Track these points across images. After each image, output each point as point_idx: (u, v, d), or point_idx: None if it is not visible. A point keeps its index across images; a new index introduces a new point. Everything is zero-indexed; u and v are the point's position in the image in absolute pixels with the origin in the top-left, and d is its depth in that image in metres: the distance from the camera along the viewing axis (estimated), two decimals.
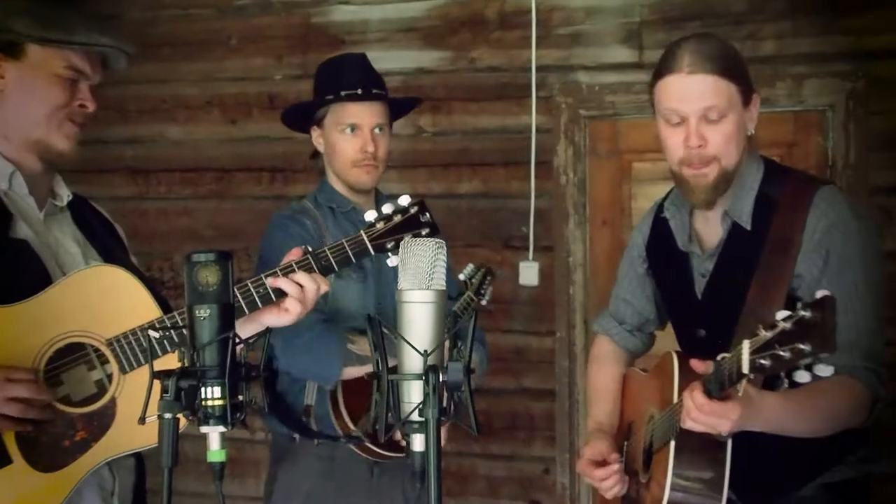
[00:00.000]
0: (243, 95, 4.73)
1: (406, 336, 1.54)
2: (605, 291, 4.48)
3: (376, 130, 2.89)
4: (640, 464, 2.47)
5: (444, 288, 1.56)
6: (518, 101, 4.43)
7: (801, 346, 1.66)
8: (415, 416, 1.52)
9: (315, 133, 2.96)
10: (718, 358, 1.95)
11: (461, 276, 3.71)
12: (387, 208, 2.39)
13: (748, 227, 2.31)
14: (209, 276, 1.62)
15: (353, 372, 2.70)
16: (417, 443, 1.54)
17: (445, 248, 1.58)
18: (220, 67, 4.76)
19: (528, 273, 4.41)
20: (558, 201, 4.40)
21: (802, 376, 1.72)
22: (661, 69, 2.30)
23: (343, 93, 2.85)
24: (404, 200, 2.40)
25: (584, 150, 4.40)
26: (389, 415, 1.54)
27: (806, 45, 4.12)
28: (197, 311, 1.61)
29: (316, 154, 3.01)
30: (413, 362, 1.53)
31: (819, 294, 1.70)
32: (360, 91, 2.85)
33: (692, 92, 2.23)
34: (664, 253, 2.56)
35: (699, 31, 4.13)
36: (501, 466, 4.52)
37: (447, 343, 1.57)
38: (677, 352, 2.40)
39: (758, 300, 2.24)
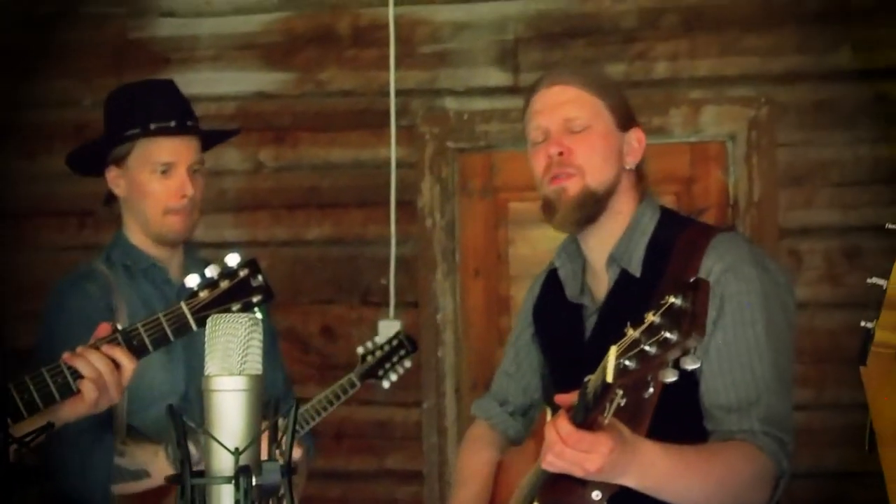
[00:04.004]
0: (44, 125, 4.64)
1: (215, 431, 1.53)
2: (480, 352, 4.57)
3: (195, 168, 2.87)
4: None
5: (259, 372, 1.56)
6: (375, 131, 4.46)
7: (668, 336, 1.69)
8: None
9: (112, 174, 2.89)
10: (585, 380, 1.97)
11: (360, 350, 3.68)
12: (211, 271, 2.37)
13: (637, 275, 2.39)
14: None
15: (131, 488, 2.68)
16: None
17: (261, 325, 1.57)
18: (14, 90, 4.66)
19: (390, 333, 4.41)
20: (424, 248, 4.43)
21: (669, 375, 1.75)
22: (526, 96, 2.52)
23: (153, 126, 2.81)
24: (232, 260, 2.39)
25: (452, 188, 4.45)
26: None
27: (703, 68, 4.25)
28: None
29: (111, 199, 2.96)
30: (223, 462, 1.52)
31: (693, 278, 1.75)
32: (174, 123, 2.82)
33: (552, 102, 2.42)
34: (554, 309, 2.61)
35: (583, 49, 4.26)
36: None
37: (267, 438, 1.56)
38: (550, 404, 2.43)
39: None
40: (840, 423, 4.00)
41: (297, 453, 2.61)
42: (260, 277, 2.41)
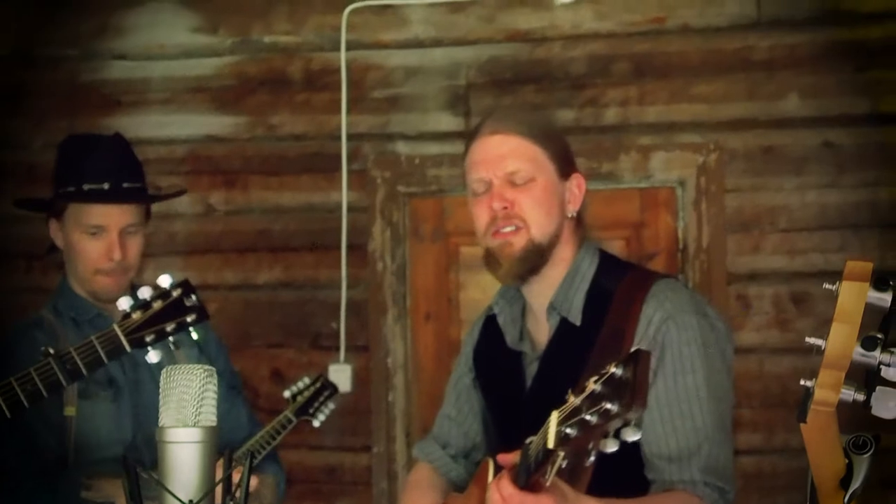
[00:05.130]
0: None
1: (168, 482, 1.54)
2: (431, 397, 4.58)
3: (129, 230, 2.87)
4: None
5: (214, 424, 1.57)
6: (327, 175, 4.49)
7: (609, 407, 1.71)
8: None
9: (53, 226, 2.90)
10: (527, 441, 1.99)
11: (286, 393, 3.70)
12: (144, 293, 2.38)
13: (577, 323, 2.40)
14: None
15: None
16: None
17: (216, 376, 1.59)
18: None
19: (340, 377, 4.42)
20: (375, 292, 4.45)
21: (610, 445, 1.77)
22: (467, 142, 2.49)
23: (86, 187, 2.80)
24: (164, 281, 2.41)
25: (403, 232, 4.48)
26: None
27: (653, 114, 4.32)
28: None
29: (54, 248, 2.96)
30: None
31: (633, 348, 1.77)
32: (106, 187, 2.80)
33: (494, 154, 2.40)
34: (494, 355, 2.62)
35: (533, 95, 4.31)
36: None
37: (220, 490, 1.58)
38: (494, 456, 2.45)
39: None
40: (789, 467, 4.06)
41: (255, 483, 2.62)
42: (194, 297, 2.42)
